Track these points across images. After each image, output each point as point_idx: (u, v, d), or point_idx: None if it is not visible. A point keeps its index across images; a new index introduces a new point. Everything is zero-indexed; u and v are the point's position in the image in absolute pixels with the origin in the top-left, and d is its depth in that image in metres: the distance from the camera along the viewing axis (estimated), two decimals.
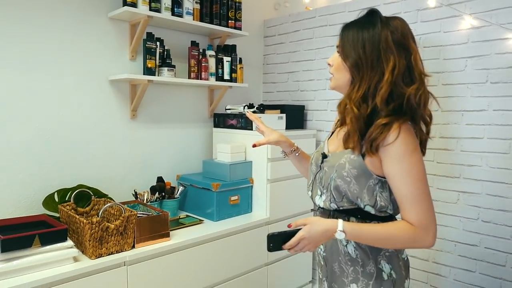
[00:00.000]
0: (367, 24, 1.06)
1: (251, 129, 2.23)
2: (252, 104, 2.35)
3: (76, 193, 1.78)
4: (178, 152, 2.37)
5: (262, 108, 2.30)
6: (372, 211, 1.08)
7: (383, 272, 1.10)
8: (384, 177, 1.06)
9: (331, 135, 1.27)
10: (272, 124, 2.29)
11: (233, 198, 2.13)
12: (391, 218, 1.12)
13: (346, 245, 1.13)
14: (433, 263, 2.06)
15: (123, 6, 1.91)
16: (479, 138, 1.88)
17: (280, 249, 1.05)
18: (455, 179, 1.96)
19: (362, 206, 1.08)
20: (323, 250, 1.20)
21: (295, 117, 2.49)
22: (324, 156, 1.17)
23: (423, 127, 1.09)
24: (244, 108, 2.35)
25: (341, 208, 1.11)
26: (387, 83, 1.01)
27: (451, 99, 1.95)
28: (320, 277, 1.24)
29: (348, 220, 1.09)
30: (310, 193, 1.23)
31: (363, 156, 1.06)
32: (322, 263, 1.22)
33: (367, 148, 1.04)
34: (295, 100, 2.66)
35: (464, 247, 1.95)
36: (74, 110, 1.93)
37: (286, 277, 2.33)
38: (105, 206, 1.57)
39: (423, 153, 1.09)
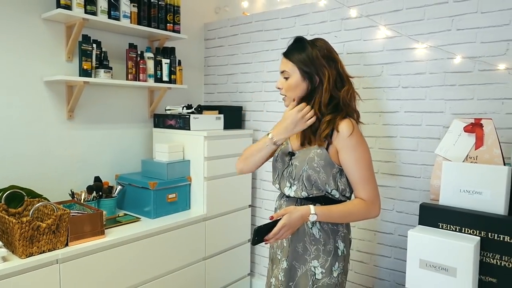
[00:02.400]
0: (301, 48, 1.35)
1: (189, 129, 2.31)
2: (191, 105, 2.44)
3: (8, 194, 1.77)
4: (117, 152, 2.41)
5: (200, 109, 2.40)
6: (337, 195, 1.34)
7: (339, 249, 1.37)
8: (341, 166, 1.32)
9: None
10: (211, 124, 2.40)
11: (170, 196, 2.21)
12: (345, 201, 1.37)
13: (311, 228, 1.37)
14: (357, 251, 2.26)
15: (57, 8, 1.93)
16: (394, 136, 2.09)
17: (262, 241, 1.23)
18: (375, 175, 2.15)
19: (329, 190, 1.33)
20: None
21: (233, 117, 2.61)
22: (292, 154, 1.40)
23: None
24: (182, 109, 2.43)
25: (310, 196, 1.35)
26: (326, 90, 1.31)
27: (370, 101, 2.15)
28: (279, 258, 1.45)
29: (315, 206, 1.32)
30: (277, 185, 1.46)
31: (327, 149, 1.31)
32: (285, 245, 1.43)
33: (318, 140, 1.31)
34: (234, 101, 2.78)
35: (382, 235, 2.16)
36: (5, 111, 1.92)
37: (224, 270, 2.44)
38: (36, 205, 1.60)
39: None
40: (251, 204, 2.65)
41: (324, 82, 1.32)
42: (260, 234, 1.21)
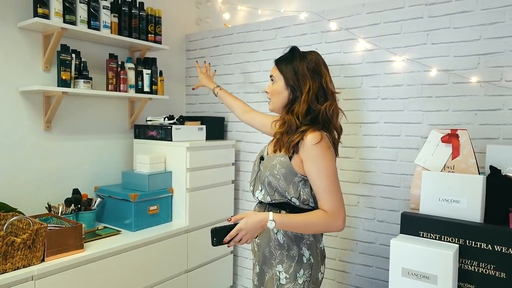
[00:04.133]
0: (290, 58, 1.40)
1: (171, 140, 2.29)
2: (172, 115, 2.42)
3: None
4: (96, 163, 2.36)
5: (182, 120, 2.38)
6: (297, 203, 1.36)
7: (304, 257, 1.38)
8: (306, 176, 1.33)
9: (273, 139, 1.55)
10: (193, 135, 2.38)
11: (152, 208, 2.17)
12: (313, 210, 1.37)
13: (276, 233, 1.40)
14: (339, 261, 2.27)
15: (34, 17, 1.89)
16: (374, 147, 2.13)
17: (222, 243, 1.26)
18: (355, 184, 2.19)
19: (289, 198, 1.35)
20: (258, 238, 1.46)
21: (216, 128, 2.60)
22: (262, 158, 1.46)
23: (336, 135, 1.44)
24: (164, 120, 2.41)
25: (273, 201, 1.39)
26: (304, 101, 1.35)
27: (351, 112, 2.19)
28: (254, 262, 1.51)
29: (279, 213, 1.36)
30: (251, 187, 1.50)
31: (290, 158, 1.33)
32: (256, 249, 1.48)
33: (288, 148, 1.34)
34: (216, 112, 2.78)
35: (364, 245, 2.18)
36: None
37: (206, 283, 2.41)
38: (11, 220, 1.54)
39: (337, 154, 1.42)
40: (234, 215, 2.63)
41: (303, 93, 1.35)
42: (217, 235, 1.25)
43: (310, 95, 1.34)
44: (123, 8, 2.26)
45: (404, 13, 2.01)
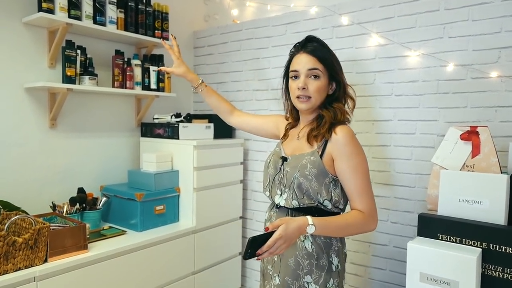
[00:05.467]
0: (325, 48, 1.32)
1: (178, 138, 2.24)
2: (179, 113, 2.37)
3: None
4: (102, 162, 2.32)
5: (189, 118, 2.33)
6: (329, 206, 1.26)
7: (333, 265, 1.29)
8: (336, 176, 1.25)
9: (283, 138, 1.46)
10: (200, 133, 2.33)
11: (158, 207, 2.12)
12: (339, 213, 1.30)
13: (303, 241, 1.28)
14: (351, 264, 2.19)
15: (38, 12, 1.85)
16: (387, 145, 2.05)
17: (254, 255, 1.09)
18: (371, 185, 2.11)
19: (321, 201, 1.26)
20: None
21: (224, 126, 2.52)
22: (284, 159, 1.33)
23: None
24: (171, 118, 2.36)
25: (301, 206, 1.27)
26: (343, 95, 1.34)
27: (363, 109, 2.11)
28: (271, 273, 1.37)
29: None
30: (268, 193, 1.39)
31: (321, 156, 1.25)
32: (276, 259, 1.34)
33: (318, 146, 1.27)
34: None
35: (377, 247, 2.10)
36: None
37: (214, 285, 2.35)
38: (13, 219, 1.50)
39: None
40: (242, 215, 2.57)
41: (342, 86, 1.32)
42: (254, 246, 1.09)
43: (347, 89, 1.33)
44: (129, 4, 2.21)
45: (419, 6, 1.92)
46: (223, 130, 2.54)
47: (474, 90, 1.80)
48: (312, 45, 1.32)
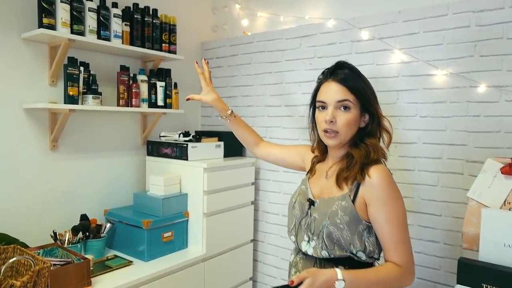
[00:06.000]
0: (357, 76, 1.18)
1: (187, 159, 2.11)
2: (188, 132, 2.24)
3: None
4: (106, 184, 2.18)
5: (198, 137, 2.20)
6: (363, 257, 1.13)
7: None
8: (370, 223, 1.12)
9: (309, 174, 1.31)
10: (210, 153, 2.20)
11: (166, 234, 1.99)
12: (373, 264, 1.17)
13: None
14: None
15: (39, 28, 1.72)
16: (411, 170, 1.92)
17: None
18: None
19: (354, 252, 1.12)
20: None
21: (234, 144, 2.40)
22: (312, 202, 1.20)
23: None
24: (179, 136, 2.23)
25: (331, 256, 1.13)
26: (377, 129, 1.19)
27: None
28: None
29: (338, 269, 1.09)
30: (294, 238, 1.25)
31: (353, 201, 1.11)
32: None
33: (350, 189, 1.12)
34: None
35: None
36: None
37: None
38: (9, 261, 1.37)
39: None
40: (254, 238, 2.44)
41: (376, 119, 1.18)
42: None
43: (382, 122, 1.18)
44: (135, 16, 2.08)
45: (448, 21, 1.79)
46: (233, 148, 2.41)
47: (509, 113, 1.67)
48: (342, 72, 1.18)
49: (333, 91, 1.15)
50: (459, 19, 1.76)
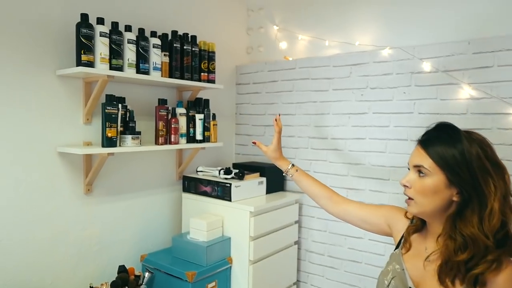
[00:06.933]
0: (450, 140, 0.96)
1: (230, 200, 1.94)
2: (229, 168, 2.07)
3: None
4: (141, 225, 2.02)
5: (241, 174, 2.02)
6: None
7: None
8: None
9: (402, 247, 1.12)
10: (253, 191, 2.04)
11: (210, 285, 1.82)
12: None
13: None
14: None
15: (77, 65, 1.55)
16: None
17: None
18: None
19: None
20: None
21: (276, 178, 2.24)
22: None
23: None
24: (219, 173, 2.06)
25: None
26: (496, 210, 0.90)
27: None
28: None
29: None
30: None
31: None
32: None
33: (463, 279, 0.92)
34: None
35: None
36: (10, 190, 1.53)
37: None
38: None
39: None
40: (298, 278, 2.27)
41: (490, 197, 0.91)
42: None
43: (501, 200, 0.91)
44: (174, 45, 1.91)
45: None
46: (275, 183, 2.24)
47: None
48: (431, 135, 1.01)
49: (413, 154, 1.04)
50: None
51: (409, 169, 1.05)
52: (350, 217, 1.31)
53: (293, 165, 1.42)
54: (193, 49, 1.99)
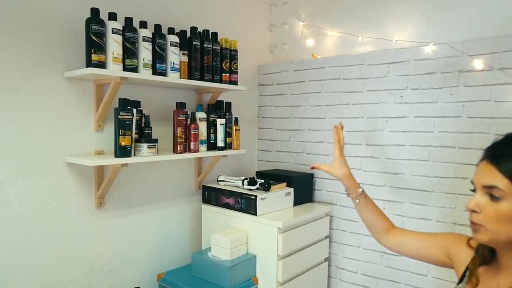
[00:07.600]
0: None
1: (255, 214, 1.75)
2: (254, 178, 1.88)
3: None
4: (158, 241, 1.84)
5: (267, 186, 1.83)
6: None
7: None
8: None
9: (467, 282, 0.92)
10: (280, 203, 1.85)
11: None
12: None
13: None
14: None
15: (87, 66, 1.38)
16: None
17: None
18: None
19: None
20: None
21: (304, 188, 2.05)
22: None
23: None
24: (243, 184, 1.88)
25: None
26: None
27: None
28: None
29: None
30: None
31: None
32: None
33: None
34: (299, 164, 2.22)
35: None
36: (14, 206, 1.37)
37: None
38: None
39: None
40: None
41: None
42: None
43: None
44: (194, 43, 1.73)
45: None
46: (303, 194, 2.05)
47: None
48: (502, 148, 0.84)
49: (481, 172, 0.85)
50: None
51: (473, 190, 0.86)
52: (405, 249, 1.13)
53: (363, 190, 1.21)
54: (214, 47, 1.81)
